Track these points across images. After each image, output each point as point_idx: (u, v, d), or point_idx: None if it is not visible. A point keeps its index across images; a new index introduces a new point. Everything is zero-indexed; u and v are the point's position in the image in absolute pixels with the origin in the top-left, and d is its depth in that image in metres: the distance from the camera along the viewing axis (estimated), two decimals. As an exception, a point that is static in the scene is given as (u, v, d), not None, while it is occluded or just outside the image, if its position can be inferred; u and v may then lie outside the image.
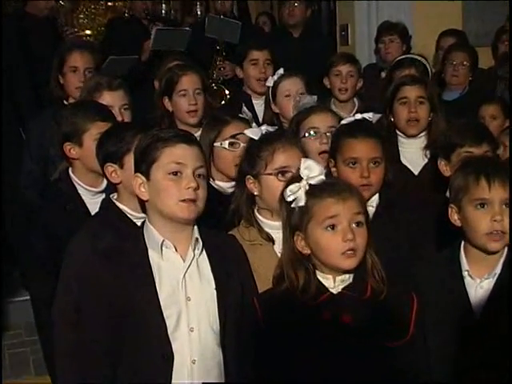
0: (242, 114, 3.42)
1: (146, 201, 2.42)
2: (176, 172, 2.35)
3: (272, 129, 2.89)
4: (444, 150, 3.23)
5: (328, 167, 2.93)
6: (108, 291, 2.35)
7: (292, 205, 2.37)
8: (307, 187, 2.35)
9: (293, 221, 2.37)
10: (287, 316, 2.32)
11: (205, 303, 2.39)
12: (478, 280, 2.49)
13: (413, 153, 3.69)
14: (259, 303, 2.40)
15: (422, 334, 2.36)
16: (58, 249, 2.85)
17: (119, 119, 3.39)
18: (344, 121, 3.10)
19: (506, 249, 2.48)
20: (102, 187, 3.08)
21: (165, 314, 2.33)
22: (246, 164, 2.78)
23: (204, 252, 2.43)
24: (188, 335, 2.35)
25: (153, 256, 2.38)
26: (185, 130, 2.71)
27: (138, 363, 2.34)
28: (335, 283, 2.32)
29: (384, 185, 2.94)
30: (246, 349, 2.40)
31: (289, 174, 2.63)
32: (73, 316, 2.62)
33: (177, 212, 2.35)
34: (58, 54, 4.26)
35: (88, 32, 6.71)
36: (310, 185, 2.35)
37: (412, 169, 3.66)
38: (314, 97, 3.68)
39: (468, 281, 2.50)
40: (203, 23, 5.61)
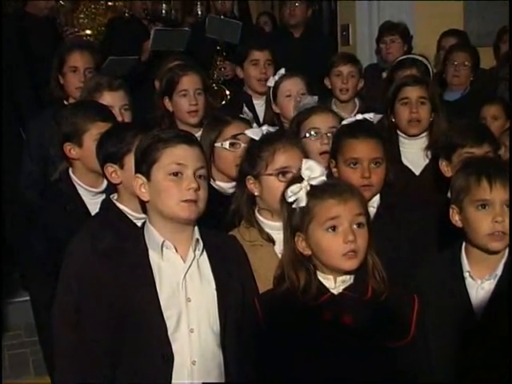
0: (243, 115, 3.41)
1: (147, 201, 2.42)
2: (177, 173, 2.35)
3: (273, 129, 2.88)
4: (445, 151, 3.23)
5: (329, 168, 2.92)
6: (108, 291, 2.34)
7: (293, 205, 2.37)
8: (308, 188, 2.35)
9: (294, 221, 2.37)
10: (288, 316, 2.31)
11: (205, 304, 2.38)
12: (479, 281, 2.48)
13: (414, 153, 3.68)
14: (260, 304, 2.39)
15: (423, 335, 2.35)
16: (58, 249, 2.84)
17: (119, 119, 3.38)
18: (345, 121, 3.09)
19: (507, 250, 2.47)
20: (103, 188, 3.08)
21: (165, 315, 2.32)
22: (247, 164, 2.78)
23: (204, 253, 2.43)
24: (188, 336, 2.34)
25: (153, 257, 2.37)
26: (185, 131, 2.70)
27: (138, 364, 2.33)
28: (336, 284, 2.32)
29: (385, 185, 2.93)
30: (247, 349, 2.40)
31: (289, 175, 2.63)
32: (73, 316, 2.61)
33: (177, 212, 2.34)
34: (58, 54, 4.25)
35: (88, 32, 6.72)
36: (311, 185, 2.35)
37: (413, 169, 3.65)
38: (315, 97, 3.67)
39: (469, 282, 2.49)
40: (203, 23, 5.59)
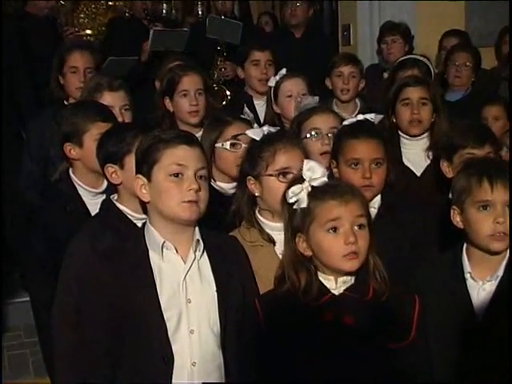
0: (244, 115, 3.40)
1: (147, 202, 2.41)
2: (177, 173, 2.34)
3: (274, 129, 2.87)
4: (446, 151, 3.22)
5: (330, 168, 2.92)
6: (108, 292, 2.34)
7: (294, 206, 2.36)
8: (309, 189, 2.34)
9: (295, 222, 2.36)
10: (288, 317, 2.31)
11: (205, 305, 2.37)
12: (481, 282, 2.47)
13: (415, 154, 3.67)
14: (260, 304, 2.39)
15: (424, 336, 2.35)
16: (58, 250, 2.84)
17: (120, 120, 3.37)
18: (346, 121, 3.08)
19: (509, 251, 2.46)
20: (103, 188, 3.07)
21: (165, 316, 2.32)
22: (247, 165, 2.77)
23: (205, 253, 2.42)
24: (188, 337, 2.34)
25: (153, 257, 2.37)
26: (186, 131, 2.69)
27: (138, 365, 2.33)
28: (337, 284, 2.32)
29: (386, 186, 2.92)
30: (247, 350, 2.39)
31: (290, 175, 2.62)
32: (72, 317, 2.61)
33: (178, 213, 2.33)
34: (58, 55, 4.25)
35: (89, 32, 6.72)
36: (313, 186, 2.34)
37: (414, 170, 3.65)
38: (316, 97, 3.67)
39: (470, 283, 2.49)
40: (204, 23, 5.58)
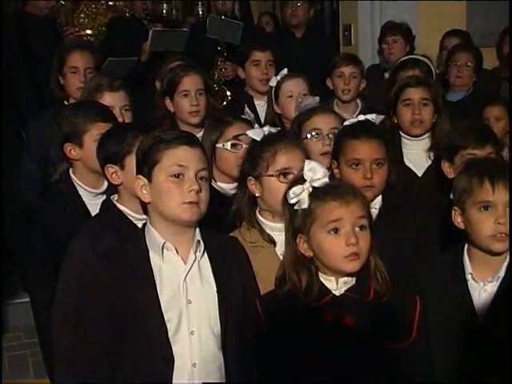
0: (245, 115, 3.40)
1: (148, 203, 2.40)
2: (178, 174, 2.33)
3: (274, 130, 2.87)
4: (447, 152, 3.22)
5: (330, 168, 2.91)
6: (108, 292, 2.34)
7: (295, 207, 2.36)
8: (310, 190, 2.33)
9: (296, 223, 2.36)
10: (289, 318, 2.31)
11: (206, 306, 2.37)
12: (482, 283, 2.47)
13: (416, 154, 3.67)
14: (261, 305, 2.39)
15: (425, 336, 2.34)
16: (58, 250, 2.83)
17: (120, 120, 3.37)
18: (347, 122, 3.08)
19: (509, 252, 2.45)
20: (103, 188, 3.06)
21: (165, 317, 2.31)
22: (248, 165, 2.76)
23: (205, 254, 2.42)
24: (189, 338, 2.33)
25: (154, 258, 2.36)
26: (187, 132, 2.68)
27: (139, 365, 2.33)
28: (338, 285, 2.31)
29: (387, 186, 2.92)
30: (248, 351, 2.39)
31: (290, 176, 2.62)
32: (72, 317, 2.61)
33: (179, 214, 2.32)
34: (58, 55, 4.24)
35: (89, 32, 6.72)
36: (314, 187, 2.34)
37: (415, 170, 3.64)
38: (316, 98, 3.66)
39: (471, 284, 2.48)
40: (204, 23, 5.58)
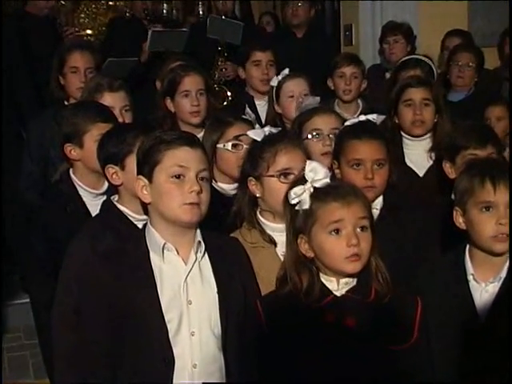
0: (245, 115, 3.39)
1: (149, 203, 2.40)
2: (179, 175, 2.33)
3: (275, 130, 2.86)
4: (449, 152, 3.21)
5: (331, 169, 2.90)
6: (108, 292, 2.33)
7: (296, 207, 2.35)
8: (312, 190, 2.33)
9: (297, 223, 2.35)
10: (290, 319, 2.30)
11: (206, 307, 2.36)
12: (483, 284, 2.46)
13: (418, 154, 3.66)
14: (262, 306, 2.38)
15: (426, 337, 2.34)
16: (58, 250, 2.83)
17: (120, 120, 3.36)
18: (348, 122, 3.07)
19: (509, 253, 2.44)
20: (104, 189, 3.06)
21: (166, 318, 2.31)
22: (249, 165, 2.76)
23: (206, 255, 2.41)
24: (189, 339, 2.33)
25: (154, 259, 2.36)
26: (188, 132, 2.67)
27: (139, 366, 2.32)
28: (339, 286, 2.31)
29: (388, 186, 2.91)
30: (249, 352, 2.38)
31: (291, 176, 2.62)
32: (72, 318, 2.60)
33: (180, 215, 2.32)
34: (58, 55, 4.23)
35: (89, 32, 6.72)
36: (315, 188, 2.33)
37: (417, 171, 3.63)
38: (317, 98, 3.66)
39: (473, 285, 2.48)
40: (204, 23, 5.57)
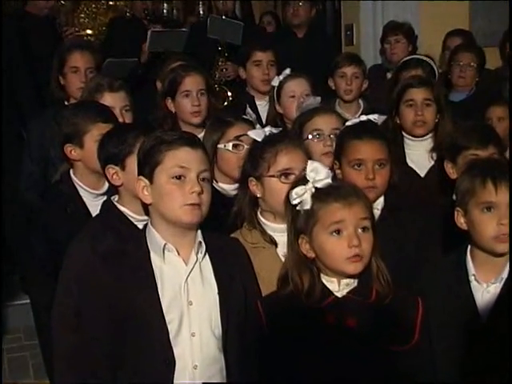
0: (246, 116, 3.38)
1: (149, 204, 2.39)
2: (180, 176, 2.32)
3: (276, 130, 2.86)
4: (450, 153, 3.20)
5: (332, 169, 2.89)
6: (108, 293, 2.33)
7: (297, 207, 2.34)
8: (313, 190, 2.32)
9: (298, 224, 2.35)
10: (291, 319, 2.30)
11: (207, 308, 2.36)
12: (485, 285, 2.46)
13: (419, 155, 3.65)
14: (263, 306, 2.38)
15: (428, 338, 2.33)
16: (59, 251, 2.82)
17: (120, 121, 3.35)
18: (349, 122, 3.07)
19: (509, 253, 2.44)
20: (104, 189, 3.05)
21: (167, 319, 2.30)
22: (249, 166, 2.75)
23: (207, 255, 2.40)
24: (190, 340, 2.32)
25: (155, 259, 2.35)
26: (189, 133, 2.66)
27: (140, 367, 2.31)
28: (340, 287, 2.30)
29: (389, 187, 2.90)
30: (249, 352, 2.38)
31: (292, 176, 2.61)
32: (72, 319, 2.60)
33: (180, 216, 2.31)
34: (58, 55, 4.23)
35: (89, 32, 6.71)
36: (316, 188, 2.32)
37: (418, 171, 3.63)
38: (318, 98, 3.66)
39: (474, 285, 2.47)
40: (204, 23, 5.55)
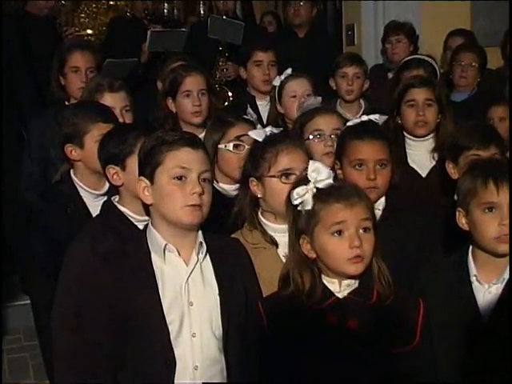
0: (247, 116, 3.38)
1: (150, 204, 2.38)
2: (181, 176, 2.32)
3: (276, 130, 2.85)
4: (451, 153, 3.20)
5: (333, 169, 2.89)
6: (108, 293, 2.32)
7: (298, 208, 2.34)
8: (314, 190, 2.32)
9: (299, 224, 2.34)
10: (292, 320, 2.29)
11: (207, 308, 2.35)
12: (486, 285, 2.45)
13: (420, 155, 3.65)
14: (263, 307, 2.37)
15: (429, 339, 2.33)
16: (59, 251, 2.82)
17: (120, 121, 3.35)
18: (350, 122, 3.06)
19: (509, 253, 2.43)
20: (105, 190, 3.05)
21: (167, 319, 2.30)
22: (250, 166, 2.75)
23: (208, 256, 2.40)
24: (190, 341, 2.32)
25: (155, 260, 2.35)
26: (190, 133, 2.65)
27: (140, 368, 2.31)
28: (341, 287, 2.30)
29: (390, 187, 2.90)
30: (250, 353, 2.37)
31: (292, 177, 2.61)
32: (72, 320, 2.59)
33: (181, 217, 2.31)
34: (59, 55, 4.22)
35: (89, 31, 6.70)
36: (318, 188, 2.32)
37: (419, 171, 3.62)
38: (319, 98, 3.65)
39: (476, 286, 2.46)
40: (205, 23, 5.54)
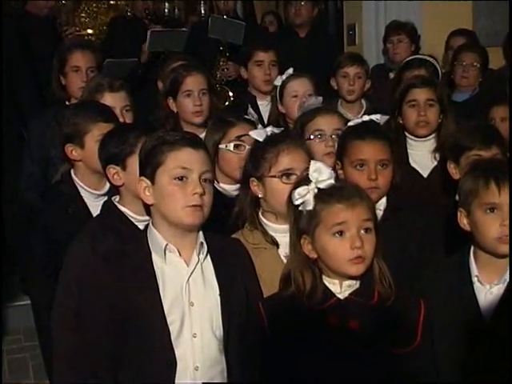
0: (248, 116, 3.37)
1: (151, 205, 2.38)
2: (182, 177, 2.31)
3: (277, 130, 2.85)
4: (453, 153, 3.19)
5: (335, 170, 2.88)
6: (108, 293, 2.32)
7: (300, 208, 2.33)
8: (316, 191, 2.31)
9: (300, 224, 2.34)
10: (293, 321, 2.29)
11: (208, 309, 2.35)
12: (488, 286, 2.44)
13: (422, 155, 3.65)
14: (264, 308, 2.37)
15: (430, 340, 2.32)
16: (59, 252, 2.82)
17: (121, 121, 3.34)
18: (351, 122, 3.06)
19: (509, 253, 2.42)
20: (105, 190, 3.05)
21: (168, 320, 2.29)
22: (250, 166, 2.74)
23: (208, 256, 2.40)
24: (191, 341, 2.32)
25: (156, 260, 2.34)
26: (191, 133, 2.65)
27: (141, 368, 2.30)
28: (342, 288, 2.30)
29: (392, 187, 2.89)
30: (251, 354, 2.37)
31: (293, 177, 2.61)
32: (72, 320, 2.60)
33: (182, 218, 2.31)
34: (59, 55, 4.22)
35: (90, 31, 6.70)
36: (319, 188, 2.31)
37: (421, 171, 3.62)
38: (320, 98, 3.65)
39: (477, 286, 2.46)
40: (206, 23, 5.53)
